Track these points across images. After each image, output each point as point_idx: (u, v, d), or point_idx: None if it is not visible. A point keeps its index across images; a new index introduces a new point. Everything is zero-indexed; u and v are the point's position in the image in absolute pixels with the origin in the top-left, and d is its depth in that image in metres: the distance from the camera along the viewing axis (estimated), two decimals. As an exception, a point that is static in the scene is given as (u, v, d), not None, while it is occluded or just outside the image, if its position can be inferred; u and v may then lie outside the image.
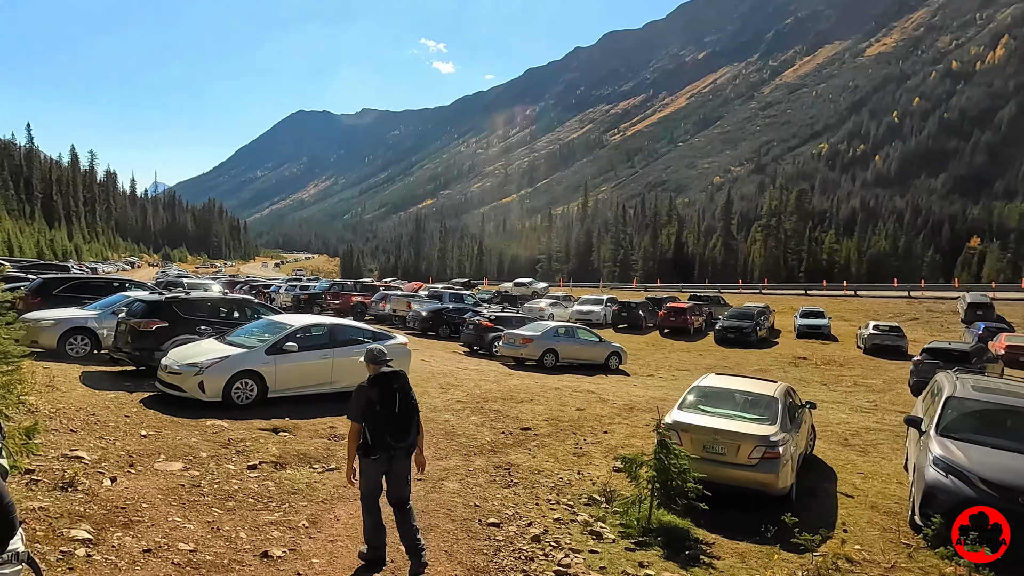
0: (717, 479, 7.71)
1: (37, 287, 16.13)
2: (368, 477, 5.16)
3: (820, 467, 10.25)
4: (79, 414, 8.62)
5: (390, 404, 5.02)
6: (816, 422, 12.02)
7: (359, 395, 5.06)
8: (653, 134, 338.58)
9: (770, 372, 22.16)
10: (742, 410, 8.85)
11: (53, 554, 4.40)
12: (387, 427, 4.99)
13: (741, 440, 7.98)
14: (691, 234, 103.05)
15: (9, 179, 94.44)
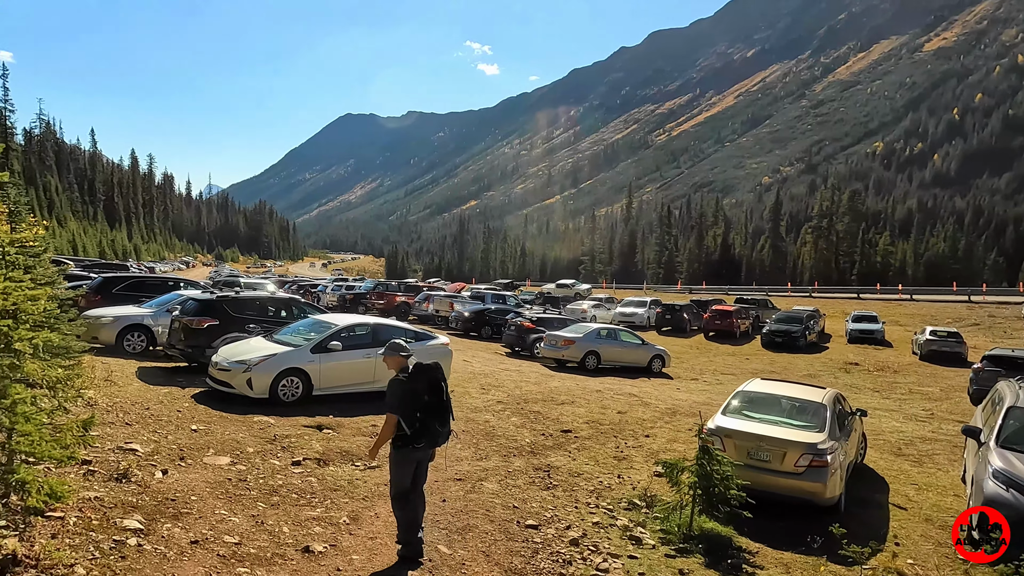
0: (761, 487, 7.53)
1: (98, 285, 16.83)
2: (403, 470, 5.26)
3: (871, 477, 9.91)
4: (134, 408, 8.96)
5: (437, 394, 5.25)
6: (867, 430, 11.63)
7: (398, 387, 5.16)
8: (699, 134, 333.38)
9: (819, 378, 21.54)
10: (789, 416, 8.63)
11: (107, 542, 4.59)
12: (436, 416, 5.20)
13: (787, 447, 7.77)
14: (738, 235, 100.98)
15: (74, 182, 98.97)
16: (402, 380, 5.21)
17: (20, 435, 3.81)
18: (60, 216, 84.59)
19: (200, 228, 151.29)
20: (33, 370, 4.23)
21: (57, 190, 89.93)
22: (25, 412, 3.81)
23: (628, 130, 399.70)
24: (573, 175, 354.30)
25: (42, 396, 4.44)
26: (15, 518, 4.20)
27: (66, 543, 4.36)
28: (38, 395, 4.29)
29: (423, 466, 5.40)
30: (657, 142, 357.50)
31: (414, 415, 5.10)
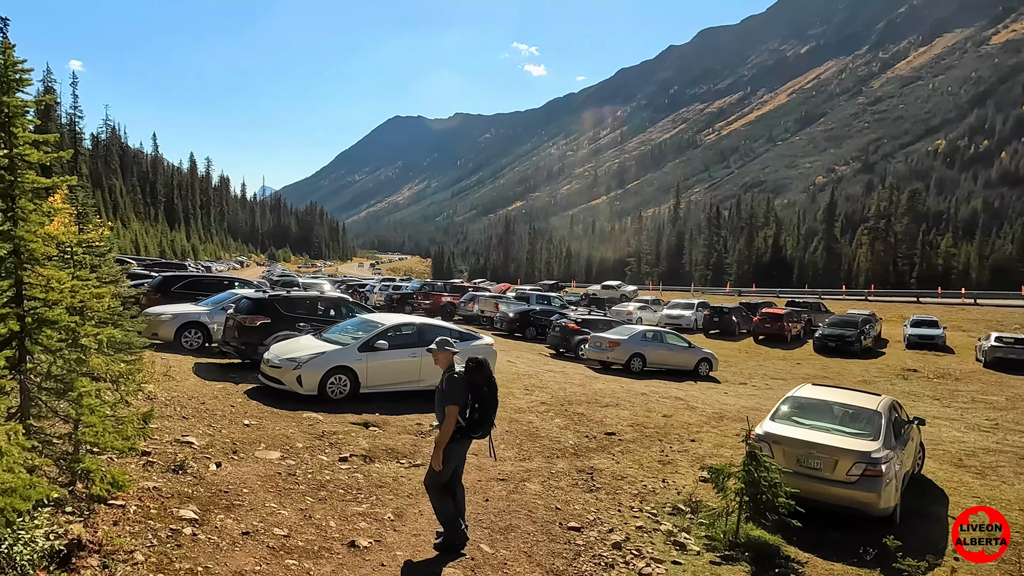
0: (811, 495, 7.33)
1: (158, 284, 17.54)
2: (456, 460, 5.51)
3: (929, 489, 9.53)
4: (191, 402, 9.30)
5: (492, 386, 5.55)
6: (926, 440, 11.18)
7: (459, 382, 5.38)
8: (750, 133, 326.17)
9: (875, 384, 20.82)
10: (841, 424, 8.37)
11: (164, 531, 4.79)
12: (493, 407, 5.54)
13: (839, 455, 7.55)
14: (790, 237, 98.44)
15: (137, 184, 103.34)
16: (461, 375, 5.43)
17: (85, 426, 4.02)
18: (124, 217, 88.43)
19: (254, 229, 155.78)
20: (97, 365, 4.45)
21: (121, 192, 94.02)
22: (90, 404, 4.02)
23: (676, 130, 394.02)
24: (619, 175, 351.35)
25: (105, 389, 4.68)
26: (80, 505, 4.43)
27: (126, 530, 4.57)
28: (102, 388, 4.52)
29: (464, 459, 5.67)
30: (706, 141, 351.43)
31: (473, 406, 5.39)
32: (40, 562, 3.54)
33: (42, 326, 3.90)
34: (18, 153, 3.76)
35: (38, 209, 3.91)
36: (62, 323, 3.95)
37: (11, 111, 3.72)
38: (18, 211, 3.83)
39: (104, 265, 10.31)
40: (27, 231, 3.81)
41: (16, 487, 2.50)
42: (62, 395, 4.05)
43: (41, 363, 4.14)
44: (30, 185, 3.85)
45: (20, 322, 3.86)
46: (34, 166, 3.87)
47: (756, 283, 74.24)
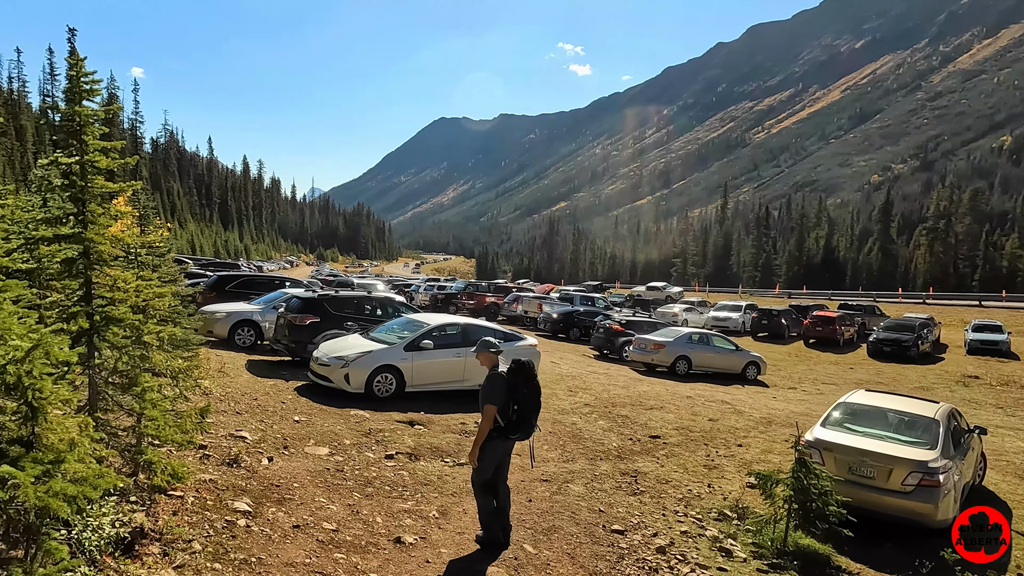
0: (864, 504, 7.13)
1: (213, 283, 18.15)
2: (491, 462, 5.50)
3: (992, 501, 9.14)
4: (244, 398, 9.61)
5: (534, 389, 5.54)
6: (988, 450, 10.72)
7: (498, 382, 5.40)
8: (801, 131, 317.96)
9: (933, 391, 20.04)
10: (896, 431, 8.11)
11: (219, 522, 4.98)
12: (532, 409, 5.49)
13: (894, 464, 7.31)
14: (843, 237, 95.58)
15: (193, 187, 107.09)
16: (502, 375, 5.44)
17: (148, 420, 4.22)
18: (181, 218, 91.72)
19: (303, 229, 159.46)
20: (159, 361, 4.66)
21: (178, 194, 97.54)
22: (152, 399, 4.21)
23: (724, 128, 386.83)
24: (665, 175, 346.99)
25: (166, 385, 4.90)
26: (143, 495, 4.65)
27: (185, 520, 4.78)
28: (163, 384, 4.74)
29: (508, 458, 5.70)
30: (755, 140, 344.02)
31: (511, 407, 5.38)
32: (107, 548, 3.74)
33: (109, 324, 4.11)
34: (88, 160, 3.98)
35: (106, 212, 4.12)
36: (127, 321, 4.16)
37: (82, 120, 3.93)
38: (88, 214, 4.05)
39: (164, 265, 10.74)
40: (96, 233, 4.02)
41: (87, 477, 2.65)
42: (127, 390, 4.26)
43: (108, 359, 4.37)
44: (99, 190, 4.07)
45: (89, 320, 4.08)
46: (102, 171, 4.09)
47: (807, 285, 72.30)
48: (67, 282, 4.13)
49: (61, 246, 4.01)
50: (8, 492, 2.37)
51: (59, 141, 4.07)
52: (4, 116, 56.58)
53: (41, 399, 2.57)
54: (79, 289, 4.14)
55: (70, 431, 2.70)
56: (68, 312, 4.02)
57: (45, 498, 2.39)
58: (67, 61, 3.89)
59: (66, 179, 4.00)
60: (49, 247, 4.01)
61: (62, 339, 3.04)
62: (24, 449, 2.60)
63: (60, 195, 4.12)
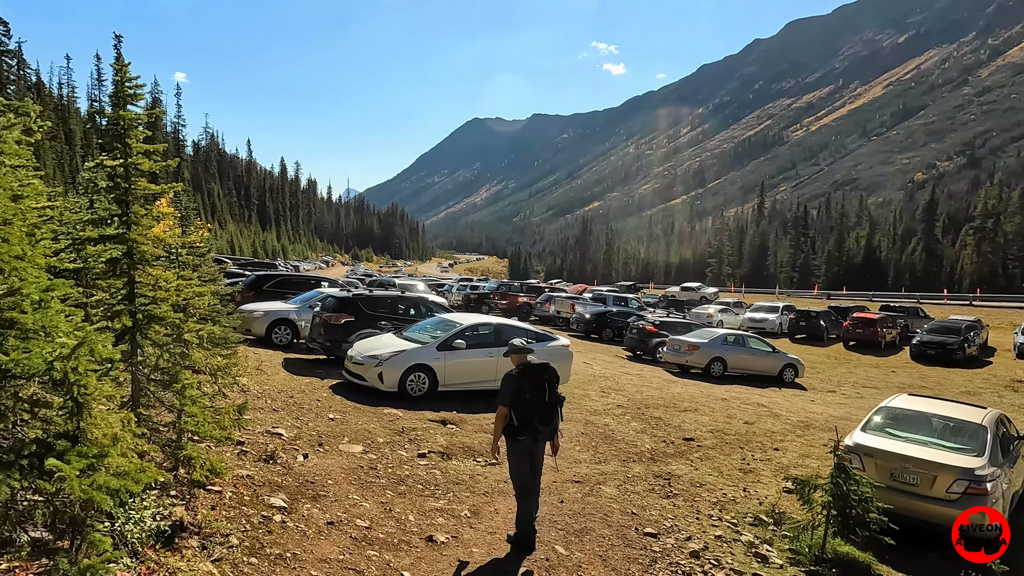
0: (906, 512, 6.92)
1: (251, 282, 18.50)
2: (517, 460, 5.66)
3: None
4: (280, 396, 9.78)
5: (539, 393, 5.56)
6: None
7: (507, 383, 5.56)
8: (841, 128, 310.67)
9: (979, 396, 19.37)
10: (940, 437, 7.85)
11: (256, 517, 5.08)
12: (535, 412, 5.50)
13: (938, 471, 7.08)
14: (885, 237, 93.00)
15: (233, 188, 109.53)
16: (512, 375, 5.58)
17: (187, 416, 4.33)
18: (221, 219, 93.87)
19: (338, 230, 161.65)
20: (198, 359, 4.78)
21: (219, 195, 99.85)
22: (192, 395, 4.32)
23: (761, 126, 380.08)
24: (700, 174, 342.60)
25: (205, 382, 5.02)
26: (182, 489, 4.77)
27: (223, 515, 4.88)
28: (202, 381, 4.86)
29: (537, 458, 5.73)
30: (793, 138, 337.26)
31: (519, 408, 5.49)
32: (148, 540, 3.84)
33: (151, 322, 4.23)
34: (132, 162, 4.10)
35: (148, 213, 4.24)
36: (168, 319, 4.27)
37: (126, 123, 4.05)
38: (131, 215, 4.17)
39: (204, 265, 11.00)
40: (139, 234, 4.15)
41: (129, 471, 2.73)
42: (167, 386, 4.38)
43: (150, 356, 4.50)
44: (142, 191, 4.19)
45: (132, 318, 4.21)
46: (145, 174, 4.21)
47: (847, 286, 70.59)
48: (111, 281, 4.26)
49: (106, 246, 4.14)
50: (55, 484, 2.46)
51: (104, 144, 4.20)
52: (54, 121, 58.62)
53: (86, 395, 2.65)
54: (123, 288, 4.27)
55: (113, 426, 2.79)
56: (112, 310, 4.16)
57: (89, 491, 2.47)
58: (112, 67, 4.01)
59: (111, 181, 4.13)
60: (95, 247, 4.14)
61: (106, 337, 3.13)
62: (70, 443, 2.68)
63: (105, 197, 4.26)
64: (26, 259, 2.68)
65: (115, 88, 4.05)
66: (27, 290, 2.57)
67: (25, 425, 2.79)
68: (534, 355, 5.90)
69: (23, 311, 2.56)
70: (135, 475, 2.73)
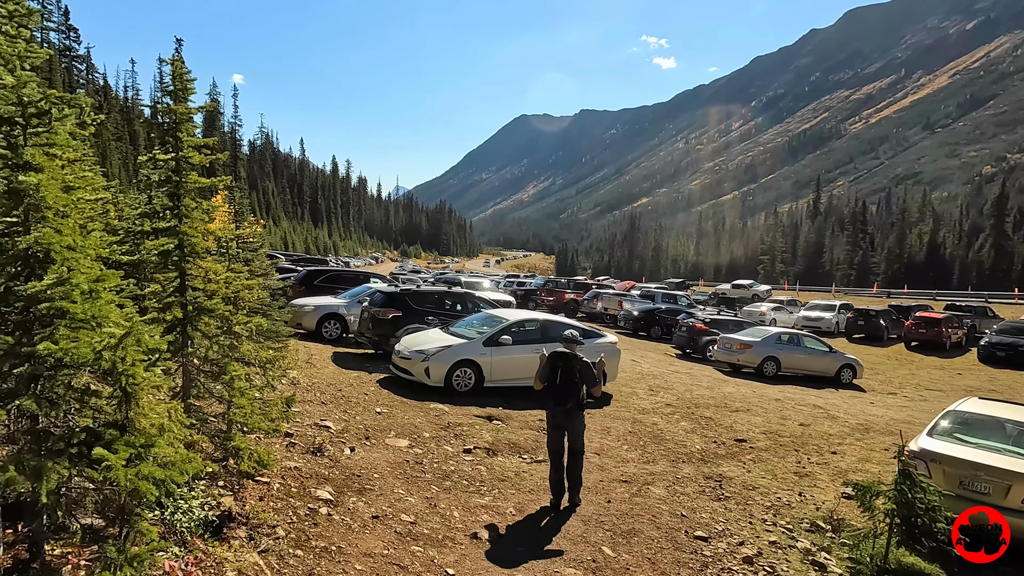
0: (977, 523, 6.51)
1: (302, 278, 18.87)
2: (548, 429, 6.69)
3: None
4: (329, 389, 9.90)
5: (551, 373, 6.58)
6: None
7: (543, 363, 6.72)
8: (903, 120, 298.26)
9: (1056, 401, 18.27)
10: (1016, 444, 7.37)
11: (302, 509, 5.11)
12: (550, 392, 6.58)
13: (1014, 480, 6.64)
14: (950, 234, 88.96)
15: (286, 186, 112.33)
16: (542, 357, 6.75)
17: (236, 407, 4.37)
18: (275, 216, 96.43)
19: (388, 226, 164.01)
20: (247, 351, 4.83)
21: (273, 193, 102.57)
22: (241, 387, 4.36)
23: (817, 119, 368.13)
24: (751, 169, 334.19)
25: (254, 374, 5.08)
26: (232, 480, 4.83)
27: (270, 506, 4.93)
28: (251, 373, 4.91)
29: (572, 433, 6.56)
30: (851, 131, 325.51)
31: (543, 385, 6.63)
32: (196, 530, 3.88)
33: (201, 314, 4.29)
34: (183, 156, 4.15)
35: (199, 207, 4.30)
36: (218, 312, 4.32)
37: (178, 118, 4.10)
38: (183, 209, 4.23)
39: (256, 259, 11.24)
40: (190, 227, 4.20)
41: (175, 461, 2.74)
42: (217, 378, 4.43)
43: (200, 348, 4.56)
44: (192, 185, 4.24)
45: (183, 310, 4.27)
46: (196, 167, 4.26)
47: (908, 284, 67.81)
48: (164, 274, 4.33)
49: (159, 239, 4.21)
50: (102, 473, 2.48)
51: (156, 139, 4.28)
52: (119, 122, 61.17)
53: (134, 385, 2.67)
54: (174, 280, 4.34)
55: (160, 417, 2.80)
56: (164, 302, 4.23)
57: (135, 480, 2.48)
58: (165, 62, 4.05)
59: (163, 175, 4.19)
60: (151, 241, 4.21)
61: (155, 327, 3.16)
62: (118, 432, 2.71)
63: (158, 191, 4.33)
64: (78, 250, 2.72)
65: (170, 83, 4.11)
66: (76, 280, 2.60)
67: (77, 414, 2.83)
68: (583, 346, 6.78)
69: (73, 301, 2.59)
70: (181, 466, 2.74)
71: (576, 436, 6.60)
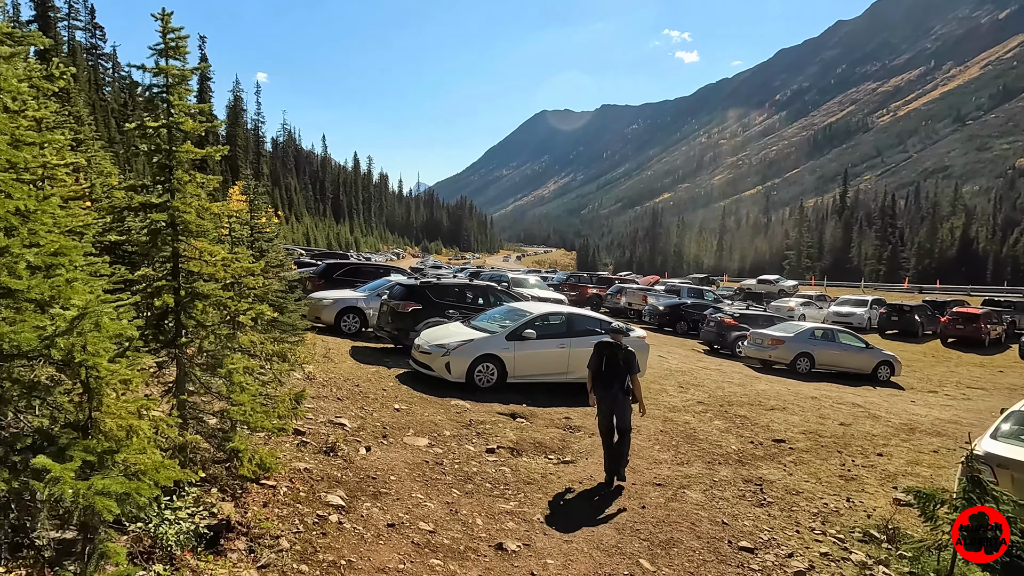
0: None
1: (322, 271, 18.53)
2: (598, 411, 7.16)
3: None
4: (346, 384, 9.48)
5: (598, 364, 7.12)
6: None
7: (593, 353, 7.26)
8: (933, 112, 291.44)
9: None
10: (1090, 448, 6.72)
11: (311, 516, 4.63)
12: (596, 378, 7.12)
13: (1095, 489, 6.01)
14: (983, 228, 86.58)
15: (309, 183, 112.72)
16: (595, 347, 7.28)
17: (235, 404, 3.91)
18: (297, 212, 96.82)
19: (409, 223, 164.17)
20: (246, 342, 4.36)
21: (295, 189, 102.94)
22: (241, 382, 3.90)
23: (843, 112, 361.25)
24: (776, 164, 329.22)
25: (258, 367, 4.61)
26: (233, 484, 4.37)
27: (275, 513, 4.45)
28: (254, 366, 4.44)
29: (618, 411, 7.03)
30: (879, 124, 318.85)
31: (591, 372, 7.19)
32: (187, 543, 3.43)
33: (194, 300, 3.83)
34: (175, 122, 3.69)
35: (193, 180, 3.83)
36: (214, 298, 3.86)
37: (170, 79, 3.64)
38: (175, 182, 3.77)
39: (272, 250, 10.85)
40: (183, 203, 3.74)
41: (146, 469, 2.28)
42: (213, 371, 3.97)
43: (194, 338, 4.10)
44: (186, 156, 3.78)
45: (175, 295, 3.81)
46: (190, 135, 3.80)
47: (940, 279, 66.00)
48: (154, 253, 3.87)
49: (148, 216, 3.75)
50: (47, 488, 2.02)
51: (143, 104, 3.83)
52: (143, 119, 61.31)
53: (97, 378, 2.22)
54: (167, 262, 3.89)
55: (129, 416, 2.35)
56: (154, 287, 3.77)
57: (90, 495, 2.03)
58: (156, 17, 3.61)
59: (152, 144, 3.72)
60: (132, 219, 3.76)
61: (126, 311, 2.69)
62: (79, 435, 2.27)
63: (146, 161, 3.88)
64: (31, 217, 2.27)
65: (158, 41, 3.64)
66: (17, 250, 2.14)
67: (29, 413, 2.39)
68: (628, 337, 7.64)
69: (17, 276, 2.14)
70: (151, 475, 2.28)
71: (623, 416, 7.03)
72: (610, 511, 6.28)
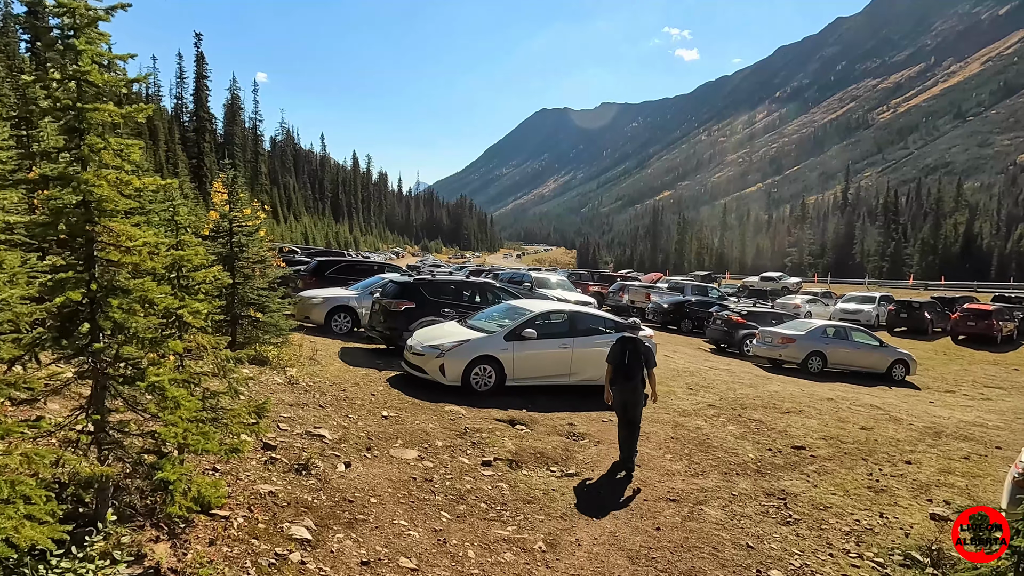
0: None
1: (313, 268, 17.81)
2: (615, 401, 7.45)
3: None
4: (331, 389, 8.74)
5: (621, 357, 7.39)
6: None
7: (613, 347, 7.55)
8: (933, 109, 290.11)
9: None
10: None
11: (267, 555, 3.82)
12: (617, 371, 7.41)
13: None
14: (986, 224, 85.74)
15: (307, 181, 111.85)
16: (615, 342, 7.55)
17: (166, 424, 3.16)
18: (296, 211, 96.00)
19: (409, 221, 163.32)
20: (192, 346, 3.62)
21: (294, 188, 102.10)
22: (175, 395, 3.16)
23: (843, 109, 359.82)
24: (776, 161, 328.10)
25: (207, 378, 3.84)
26: (171, 520, 3.61)
27: (222, 553, 3.66)
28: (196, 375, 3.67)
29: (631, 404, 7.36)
30: (879, 121, 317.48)
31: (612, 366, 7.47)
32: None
33: (110, 294, 3.09)
34: (82, 72, 2.94)
35: (108, 147, 3.09)
36: (136, 292, 3.13)
37: (77, 20, 2.89)
38: (86, 149, 3.03)
39: (253, 244, 10.11)
40: (95, 174, 3.00)
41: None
42: (131, 383, 3.22)
43: (111, 342, 3.34)
44: (103, 117, 3.04)
45: (87, 289, 3.07)
46: (103, 91, 3.07)
47: (945, 276, 65.21)
48: (63, 237, 3.12)
49: (56, 190, 3.01)
50: None
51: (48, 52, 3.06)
52: (139, 117, 60.50)
53: None
54: (80, 250, 3.15)
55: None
56: (57, 279, 3.02)
57: None
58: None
59: (55, 102, 2.97)
60: (48, 193, 3.02)
61: None
62: None
63: (49, 124, 3.15)
64: None
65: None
66: None
67: None
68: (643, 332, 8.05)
69: None
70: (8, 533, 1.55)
71: (635, 408, 7.37)
72: (622, 535, 5.55)
